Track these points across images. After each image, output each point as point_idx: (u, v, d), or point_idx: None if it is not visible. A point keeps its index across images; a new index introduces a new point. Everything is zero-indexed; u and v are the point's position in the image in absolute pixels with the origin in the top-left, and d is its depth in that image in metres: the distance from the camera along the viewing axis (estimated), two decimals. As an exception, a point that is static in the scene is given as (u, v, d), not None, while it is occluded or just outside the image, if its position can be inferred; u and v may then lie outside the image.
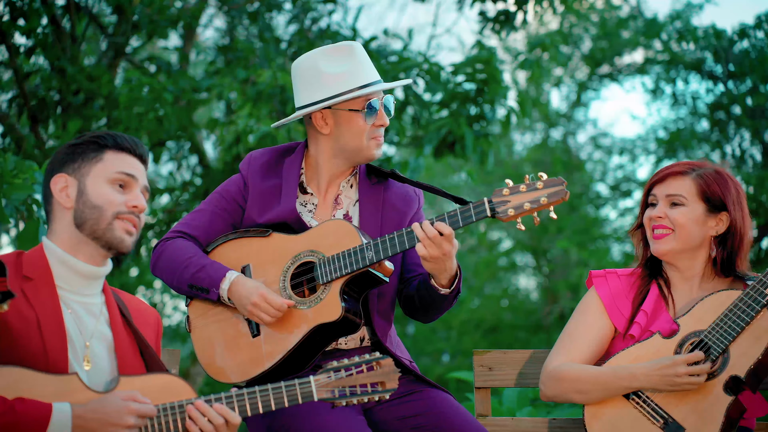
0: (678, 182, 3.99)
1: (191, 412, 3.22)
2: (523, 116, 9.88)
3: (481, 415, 4.42)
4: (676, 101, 19.91)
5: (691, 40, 19.20)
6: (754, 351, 3.76)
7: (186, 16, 9.56)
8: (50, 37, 8.96)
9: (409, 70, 9.31)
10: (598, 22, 20.67)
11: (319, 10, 10.64)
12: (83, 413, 3.10)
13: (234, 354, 3.99)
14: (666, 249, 3.97)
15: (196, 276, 3.94)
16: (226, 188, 4.20)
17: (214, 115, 11.55)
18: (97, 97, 8.88)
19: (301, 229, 4.02)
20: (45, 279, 3.29)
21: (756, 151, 19.28)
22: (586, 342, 4.03)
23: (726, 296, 3.86)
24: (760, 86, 17.77)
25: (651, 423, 3.80)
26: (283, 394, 3.30)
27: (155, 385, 3.26)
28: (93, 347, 3.32)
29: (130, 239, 3.34)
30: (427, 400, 3.97)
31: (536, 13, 10.09)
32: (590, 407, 3.90)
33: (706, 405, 3.76)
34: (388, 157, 10.06)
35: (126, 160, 3.37)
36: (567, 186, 3.67)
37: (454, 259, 3.79)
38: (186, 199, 10.56)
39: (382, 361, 3.36)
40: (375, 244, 3.82)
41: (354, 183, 4.19)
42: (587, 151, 22.64)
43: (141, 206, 3.34)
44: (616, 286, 4.08)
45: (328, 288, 3.87)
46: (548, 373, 4.00)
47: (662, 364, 3.77)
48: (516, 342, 19.16)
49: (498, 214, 3.69)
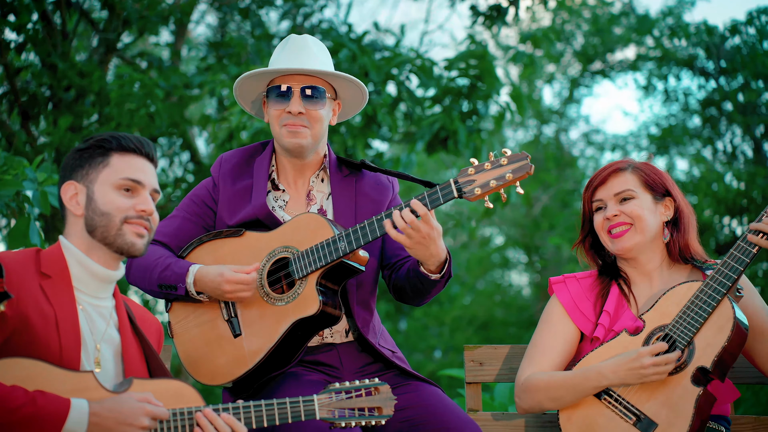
0: (620, 179, 4.02)
1: (200, 420, 3.26)
2: (520, 113, 9.85)
3: (471, 410, 4.43)
4: (667, 97, 19.97)
5: (682, 37, 19.27)
6: (718, 340, 3.78)
7: (177, 12, 9.55)
8: (41, 33, 8.95)
9: (401, 66, 9.30)
10: (590, 18, 20.71)
11: (311, 5, 10.64)
12: (100, 411, 3.12)
13: (217, 356, 3.99)
14: (631, 244, 3.98)
15: (163, 275, 3.96)
16: (196, 193, 4.21)
17: (206, 112, 11.54)
18: (89, 93, 8.87)
19: (274, 226, 4.02)
20: (63, 277, 3.31)
21: (747, 147, 19.34)
22: (554, 350, 4.03)
23: (687, 288, 3.87)
24: (751, 82, 17.82)
25: (624, 421, 3.81)
26: (287, 410, 3.37)
27: (166, 390, 3.29)
28: (102, 350, 3.35)
29: (141, 242, 3.35)
30: (414, 394, 3.97)
31: (528, 8, 10.09)
32: (564, 410, 3.91)
33: (676, 398, 3.77)
34: (379, 153, 10.06)
35: (132, 163, 3.38)
36: (531, 160, 3.66)
37: (439, 243, 3.76)
38: (178, 195, 10.54)
39: (380, 387, 3.45)
40: (347, 235, 3.81)
41: (324, 177, 4.19)
42: (579, 148, 22.70)
43: (149, 210, 3.35)
44: (576, 290, 4.10)
45: (305, 282, 3.87)
46: (520, 385, 4.00)
47: (628, 358, 3.78)
48: (508, 338, 19.19)
49: (465, 194, 3.68)
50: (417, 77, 9.47)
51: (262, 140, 4.33)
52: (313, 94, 4.04)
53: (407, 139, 9.99)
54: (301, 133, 4.04)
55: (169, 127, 9.54)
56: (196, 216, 4.16)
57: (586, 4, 20.74)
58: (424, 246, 3.71)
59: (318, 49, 4.13)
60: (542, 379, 3.93)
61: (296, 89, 4.03)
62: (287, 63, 4.06)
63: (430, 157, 10.56)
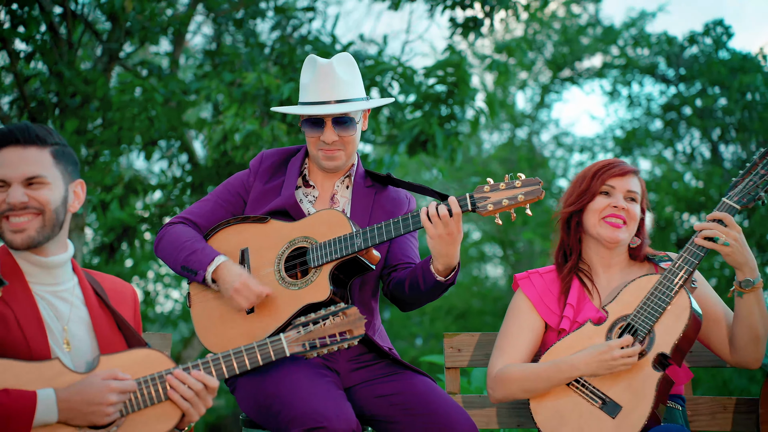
0: (635, 180, 4.05)
1: (171, 381, 3.24)
2: (492, 117, 9.88)
3: (451, 392, 4.45)
4: (631, 103, 20.02)
5: (645, 46, 19.32)
6: (676, 328, 3.81)
7: (175, 23, 9.53)
8: (48, 43, 8.92)
9: (384, 74, 9.31)
10: (560, 29, 20.73)
11: (300, 17, 10.63)
12: (67, 396, 3.09)
13: (229, 328, 4.00)
14: (621, 237, 4.00)
15: (188, 259, 3.97)
16: (231, 182, 4.24)
17: (202, 116, 11.51)
18: (93, 99, 8.84)
19: (298, 217, 4.05)
20: (14, 273, 3.25)
21: (705, 148, 19.42)
22: (522, 341, 4.04)
23: (646, 281, 3.90)
24: (708, 89, 17.89)
25: (591, 404, 3.82)
26: (256, 353, 3.34)
27: (134, 360, 3.26)
28: (71, 330, 3.30)
29: (19, 237, 3.21)
30: (405, 381, 3.98)
31: (502, 20, 10.11)
32: (534, 397, 3.92)
33: (638, 382, 3.79)
34: (364, 155, 10.06)
35: (1, 159, 3.21)
36: (543, 186, 3.70)
37: (457, 248, 3.78)
38: (176, 194, 10.52)
39: (347, 311, 3.41)
40: (363, 233, 3.85)
41: (349, 184, 4.21)
42: (550, 149, 22.73)
43: (15, 202, 3.18)
44: (540, 284, 4.11)
45: (319, 271, 3.89)
46: (494, 377, 4.00)
47: (599, 351, 3.79)
48: (484, 326, 19.21)
49: (478, 208, 3.72)
50: (399, 84, 9.47)
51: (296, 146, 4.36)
52: (344, 120, 4.05)
53: (390, 141, 9.99)
54: (337, 157, 4.09)
55: (168, 131, 9.51)
56: (228, 203, 4.18)
57: (556, 16, 20.76)
58: (446, 243, 3.73)
59: (344, 73, 4.09)
60: (517, 370, 3.93)
61: (328, 120, 4.04)
62: (318, 96, 4.05)
63: (411, 159, 10.56)
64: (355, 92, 4.11)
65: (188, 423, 3.29)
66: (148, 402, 3.21)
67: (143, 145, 9.63)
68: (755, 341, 3.90)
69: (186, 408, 3.24)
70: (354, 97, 4.09)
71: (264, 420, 3.88)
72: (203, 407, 3.26)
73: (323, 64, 4.08)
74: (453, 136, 9.41)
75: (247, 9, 10.33)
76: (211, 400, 3.27)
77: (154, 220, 10.63)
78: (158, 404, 3.23)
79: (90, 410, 3.10)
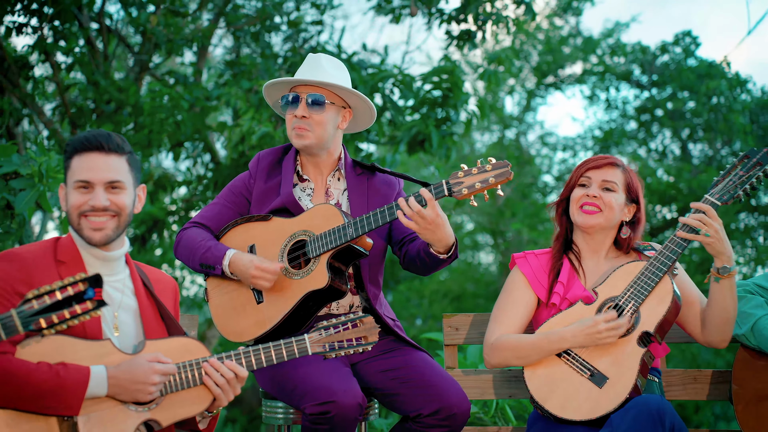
0: (612, 171, 4.05)
1: (207, 368, 3.27)
2: (482, 119, 9.88)
3: (449, 367, 4.47)
4: (609, 105, 20.00)
5: (621, 55, 19.31)
6: (659, 310, 3.84)
7: (198, 37, 9.53)
8: (86, 55, 8.94)
9: (385, 80, 9.30)
10: (544, 39, 20.70)
11: (310, 30, 10.62)
12: (116, 374, 3.13)
13: (242, 318, 4.03)
14: (593, 223, 4.02)
15: (204, 256, 4.00)
16: (235, 184, 4.25)
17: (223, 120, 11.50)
18: (126, 105, 8.85)
19: (298, 213, 4.06)
20: (76, 262, 3.30)
21: (675, 147, 19.42)
22: (517, 314, 4.06)
23: (634, 267, 3.93)
24: (678, 93, 17.89)
25: (580, 375, 3.84)
26: (282, 350, 3.36)
27: (175, 346, 3.30)
28: (120, 316, 3.34)
29: (98, 234, 3.26)
30: (405, 357, 4.01)
31: (493, 32, 10.09)
32: (528, 367, 3.94)
33: (625, 357, 3.81)
34: (368, 154, 10.05)
35: (84, 163, 3.25)
36: (511, 168, 3.71)
37: (445, 230, 3.77)
38: (201, 190, 10.53)
39: (364, 319, 3.43)
40: (354, 223, 3.86)
41: (340, 176, 4.22)
42: (536, 148, 22.70)
43: (98, 205, 3.24)
44: (535, 263, 4.13)
45: (318, 261, 3.91)
46: (490, 345, 4.02)
47: (586, 325, 3.82)
48: (477, 308, 19.20)
49: (454, 193, 3.72)
50: (399, 90, 9.46)
51: (282, 143, 4.36)
52: (315, 101, 4.04)
53: (391, 141, 9.97)
54: (305, 135, 4.06)
55: (193, 133, 9.52)
56: (233, 204, 4.20)
57: (540, 28, 20.73)
58: (432, 231, 3.73)
59: (327, 63, 4.12)
60: (512, 340, 3.95)
61: (303, 96, 4.05)
62: (298, 76, 4.09)
63: (410, 157, 10.56)
64: (332, 81, 4.09)
65: (218, 407, 3.33)
66: (184, 385, 3.25)
67: (171, 147, 9.64)
68: (726, 323, 3.93)
69: (218, 393, 3.28)
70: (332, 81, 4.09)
71: (279, 394, 3.92)
72: (232, 394, 3.30)
73: (312, 55, 4.13)
74: (448, 137, 9.40)
75: (263, 23, 10.33)
76: (239, 388, 3.31)
77: (180, 213, 10.63)
78: (193, 388, 3.27)
79: (135, 388, 3.14)
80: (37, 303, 2.77)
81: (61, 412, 3.05)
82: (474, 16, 9.78)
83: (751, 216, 17.35)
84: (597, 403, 3.77)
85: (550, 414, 3.83)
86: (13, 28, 8.31)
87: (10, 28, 8.32)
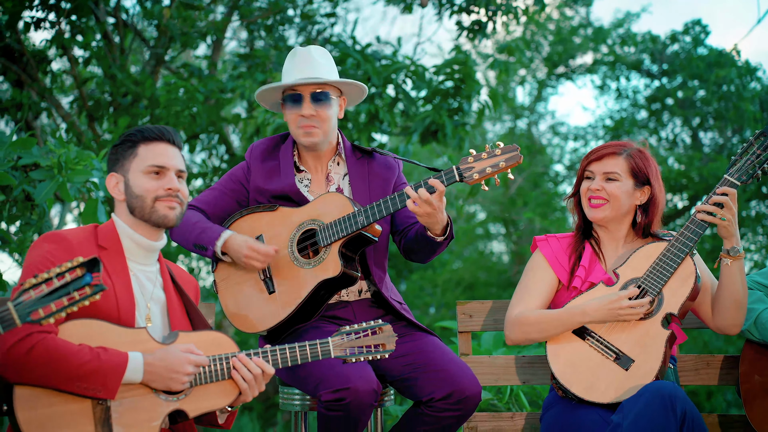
0: (612, 161, 4.02)
1: (236, 363, 3.30)
2: (495, 109, 9.85)
3: (463, 354, 4.47)
4: (619, 95, 19.92)
5: (631, 45, 19.21)
6: (683, 291, 3.83)
7: (213, 30, 9.54)
8: (103, 49, 8.97)
9: (398, 72, 9.29)
10: (555, 30, 20.62)
11: (323, 22, 10.61)
12: (152, 361, 3.17)
13: (254, 309, 4.03)
14: (601, 216, 4.02)
15: (199, 237, 4.00)
16: (233, 172, 4.24)
17: (237, 112, 11.52)
18: (142, 98, 8.87)
19: (302, 202, 4.05)
20: (116, 249, 3.34)
21: (686, 135, 19.33)
22: (538, 293, 4.05)
23: (654, 248, 3.92)
24: (688, 82, 17.79)
25: (605, 357, 3.83)
26: (307, 351, 3.40)
27: (206, 340, 3.33)
28: (151, 308, 3.38)
29: (173, 213, 3.35)
30: (416, 342, 4.01)
31: (504, 23, 10.06)
32: (551, 347, 3.93)
33: (650, 339, 3.80)
34: (382, 144, 10.05)
35: (156, 150, 3.37)
36: (521, 151, 3.70)
37: (443, 213, 3.80)
38: (216, 181, 10.56)
39: (383, 327, 3.47)
40: (365, 211, 3.85)
41: (340, 161, 4.21)
42: (547, 138, 22.64)
43: (174, 187, 3.35)
44: (557, 247, 4.13)
45: (329, 249, 3.90)
46: (512, 320, 4.02)
47: (609, 299, 3.82)
48: (490, 296, 19.18)
49: (465, 178, 3.72)
50: (411, 81, 9.44)
51: (283, 132, 4.34)
52: (320, 97, 4.03)
53: (404, 132, 9.96)
54: (314, 133, 4.05)
55: (208, 125, 9.54)
56: (231, 191, 4.18)
57: (551, 18, 20.65)
58: (431, 216, 3.73)
59: (320, 57, 4.11)
60: (534, 314, 3.96)
61: (306, 95, 4.03)
62: (298, 74, 4.05)
63: (423, 147, 10.55)
64: (330, 75, 4.10)
65: (242, 401, 3.35)
66: (213, 378, 3.28)
67: (186, 139, 9.66)
68: (736, 306, 3.91)
69: (244, 388, 3.30)
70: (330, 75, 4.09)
71: (294, 381, 3.93)
72: (257, 390, 3.33)
73: (302, 50, 4.10)
74: (461, 127, 9.38)
75: (276, 16, 10.32)
76: (264, 385, 3.33)
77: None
78: (221, 381, 3.30)
79: (169, 376, 3.17)
80: (34, 292, 2.75)
81: (99, 394, 3.08)
82: (485, 6, 9.75)
83: (762, 203, 17.27)
84: (623, 385, 3.76)
85: (575, 396, 3.82)
86: (32, 24, 8.36)
87: (29, 23, 8.37)
